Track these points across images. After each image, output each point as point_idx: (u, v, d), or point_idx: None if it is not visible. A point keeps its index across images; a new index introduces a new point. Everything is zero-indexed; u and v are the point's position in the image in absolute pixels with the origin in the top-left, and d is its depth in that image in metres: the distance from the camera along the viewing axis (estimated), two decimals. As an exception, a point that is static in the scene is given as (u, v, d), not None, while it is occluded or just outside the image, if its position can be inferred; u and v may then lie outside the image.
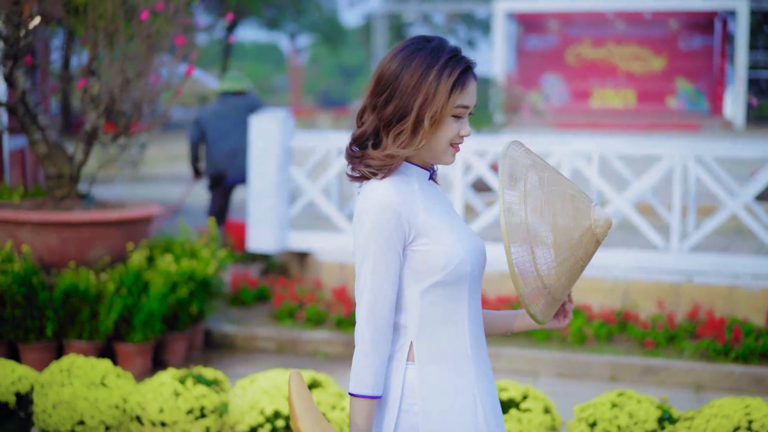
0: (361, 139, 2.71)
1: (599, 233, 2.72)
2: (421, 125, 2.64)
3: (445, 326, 2.69)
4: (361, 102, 2.76)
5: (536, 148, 8.94)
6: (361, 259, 2.63)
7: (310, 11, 40.20)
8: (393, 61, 2.68)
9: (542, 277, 2.67)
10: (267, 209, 9.24)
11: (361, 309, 2.64)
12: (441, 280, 2.65)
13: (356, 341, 2.65)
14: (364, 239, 2.62)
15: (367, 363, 2.62)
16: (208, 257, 7.88)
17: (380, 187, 2.63)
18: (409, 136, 2.65)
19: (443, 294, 2.67)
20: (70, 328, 7.32)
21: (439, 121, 2.65)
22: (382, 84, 2.68)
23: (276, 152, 9.20)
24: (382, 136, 2.69)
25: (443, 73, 2.64)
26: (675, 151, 8.40)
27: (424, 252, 2.64)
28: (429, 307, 2.67)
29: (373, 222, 2.60)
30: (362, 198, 2.65)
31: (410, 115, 2.63)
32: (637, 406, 4.92)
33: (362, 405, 2.64)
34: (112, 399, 5.26)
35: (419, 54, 2.66)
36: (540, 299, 2.70)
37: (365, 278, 2.62)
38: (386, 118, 2.66)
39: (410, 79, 2.64)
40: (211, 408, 5.19)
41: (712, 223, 8.30)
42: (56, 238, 7.52)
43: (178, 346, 7.74)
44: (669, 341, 7.75)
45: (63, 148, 7.88)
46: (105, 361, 5.49)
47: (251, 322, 8.42)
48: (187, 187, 12.35)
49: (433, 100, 2.63)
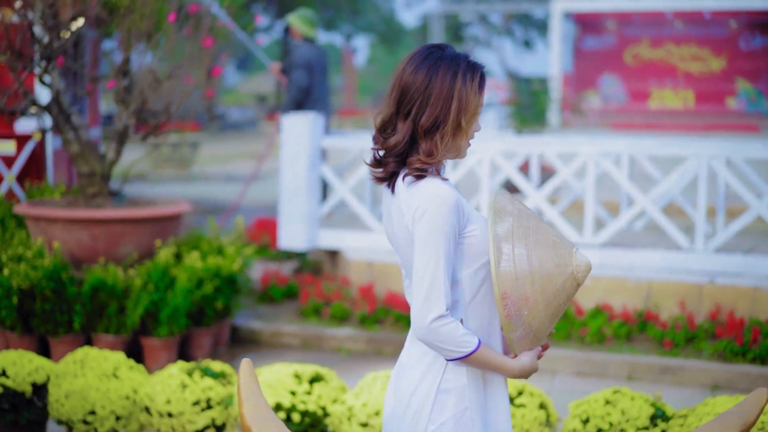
0: (396, 148, 2.94)
1: (580, 277, 2.97)
2: (460, 127, 2.92)
3: (486, 303, 2.98)
4: (384, 112, 2.98)
5: (562, 148, 9.00)
6: (427, 247, 2.84)
7: (366, 12, 40.40)
8: (418, 72, 2.92)
9: (530, 323, 2.93)
10: (298, 207, 9.38)
11: (428, 292, 2.82)
12: (486, 261, 2.94)
13: (423, 321, 2.83)
14: (431, 230, 2.83)
15: (452, 330, 2.82)
16: (233, 254, 8.05)
17: (435, 183, 2.88)
18: (451, 138, 2.92)
19: (484, 275, 2.95)
20: (98, 322, 7.52)
21: (471, 120, 2.94)
22: (411, 94, 2.91)
23: (306, 151, 9.35)
24: (420, 143, 2.92)
25: (467, 77, 2.91)
26: (701, 152, 8.40)
27: (474, 237, 2.91)
28: (477, 286, 2.95)
29: (440, 213, 2.83)
30: (417, 195, 2.87)
31: (448, 119, 2.90)
32: (630, 403, 4.98)
33: (481, 353, 2.87)
34: (122, 390, 5.43)
35: (442, 63, 2.92)
36: (526, 342, 2.97)
37: (429, 267, 2.83)
38: (425, 126, 2.90)
39: (442, 86, 2.89)
40: (217, 400, 5.34)
41: (737, 225, 8.29)
42: (86, 234, 7.73)
43: (203, 341, 7.92)
44: (688, 342, 7.77)
45: (95, 148, 8.09)
46: (118, 353, 5.66)
47: (278, 319, 8.58)
48: (245, 186, 12.49)
49: (467, 103, 2.91)
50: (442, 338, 2.83)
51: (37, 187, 9.33)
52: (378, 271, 9.14)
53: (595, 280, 8.48)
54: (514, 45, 40.81)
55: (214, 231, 8.49)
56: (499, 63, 36.16)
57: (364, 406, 5.11)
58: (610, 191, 10.85)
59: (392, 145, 2.93)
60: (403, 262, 3.06)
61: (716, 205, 9.08)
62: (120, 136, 8.08)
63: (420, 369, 2.98)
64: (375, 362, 7.79)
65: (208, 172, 22.09)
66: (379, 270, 9.11)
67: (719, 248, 8.40)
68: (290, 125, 9.43)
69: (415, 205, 2.87)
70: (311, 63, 10.26)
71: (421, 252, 2.85)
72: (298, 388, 5.26)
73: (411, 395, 2.98)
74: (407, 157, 2.95)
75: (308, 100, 10.31)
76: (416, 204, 2.87)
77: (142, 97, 7.95)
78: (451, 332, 2.82)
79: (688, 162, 8.57)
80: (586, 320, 8.07)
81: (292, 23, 10.58)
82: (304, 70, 10.23)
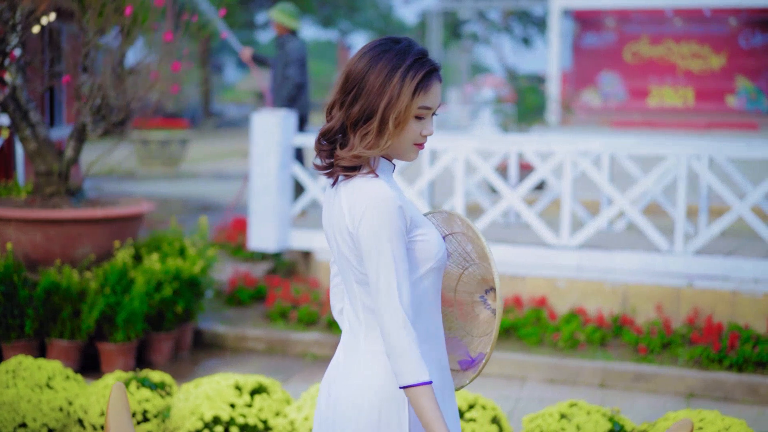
0: (328, 134, 2.79)
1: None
2: (386, 126, 2.72)
3: (431, 309, 2.83)
4: (330, 97, 2.83)
5: (540, 147, 8.71)
6: (375, 254, 2.67)
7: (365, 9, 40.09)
8: (360, 61, 2.76)
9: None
10: (268, 207, 9.12)
11: (387, 301, 2.65)
12: (434, 266, 2.78)
13: (391, 332, 2.65)
14: (374, 233, 2.67)
15: (414, 349, 2.63)
16: (195, 256, 7.78)
17: (373, 183, 2.71)
18: (374, 136, 2.72)
19: (432, 280, 2.80)
20: (52, 326, 7.25)
21: (403, 122, 2.73)
22: (349, 82, 2.76)
23: (277, 150, 9.08)
24: (349, 135, 2.76)
25: (407, 76, 2.72)
26: (680, 151, 8.12)
27: (421, 241, 2.76)
28: (422, 293, 2.79)
29: (380, 215, 2.67)
30: (355, 195, 2.71)
31: (375, 116, 2.71)
32: (586, 417, 4.71)
33: (429, 391, 2.63)
34: (56, 401, 5.17)
35: (386, 55, 2.75)
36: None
37: (386, 270, 2.66)
38: (353, 118, 2.73)
39: (375, 79, 2.72)
40: (154, 412, 5.08)
41: (718, 226, 8.00)
42: (41, 235, 7.47)
43: (163, 346, 7.65)
44: (664, 347, 7.50)
45: (53, 145, 7.82)
46: (54, 362, 5.41)
47: (243, 323, 8.30)
48: (243, 185, 12.09)
49: (397, 102, 2.71)
50: (403, 348, 2.64)
51: (4, 185, 9.07)
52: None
53: (570, 283, 8.21)
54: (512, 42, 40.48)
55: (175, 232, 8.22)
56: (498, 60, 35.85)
57: (306, 420, 4.84)
58: (592, 191, 10.58)
59: (325, 131, 2.81)
60: (335, 259, 2.89)
61: (699, 205, 8.80)
62: (79, 134, 7.81)
63: (365, 374, 2.80)
64: (340, 368, 7.51)
65: (197, 170, 21.82)
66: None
67: (699, 250, 8.12)
68: (260, 123, 9.17)
69: (353, 206, 2.72)
70: (305, 59, 10.15)
71: (369, 259, 2.69)
72: (238, 400, 4.99)
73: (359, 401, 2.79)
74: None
75: (301, 96, 10.20)
76: (354, 204, 2.72)
77: (102, 93, 7.69)
78: (411, 347, 2.63)
79: (666, 161, 8.29)
80: (560, 325, 7.79)
81: (277, 18, 10.37)
82: (298, 65, 10.14)
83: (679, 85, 31.21)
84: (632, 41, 31.47)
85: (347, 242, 2.77)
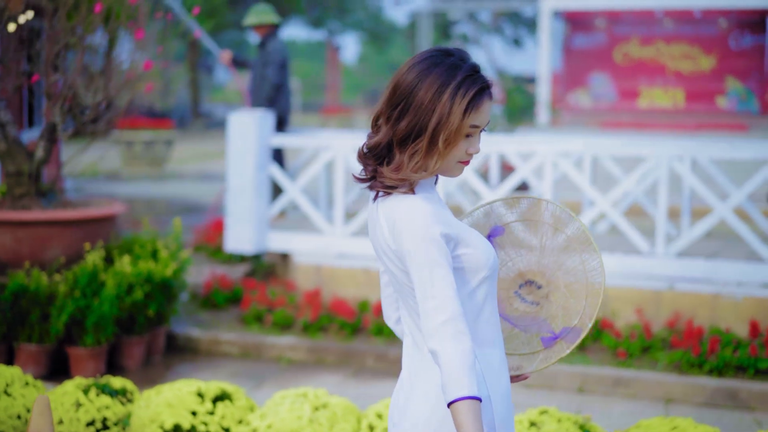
0: (375, 149, 2.69)
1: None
2: (435, 146, 2.61)
3: (490, 317, 2.76)
4: (377, 106, 2.72)
5: (520, 147, 8.58)
6: (416, 272, 2.59)
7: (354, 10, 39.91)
8: (409, 73, 2.65)
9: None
10: (244, 208, 8.98)
11: (435, 314, 2.55)
12: (486, 275, 2.71)
13: (438, 344, 2.53)
14: (414, 252, 2.59)
15: (466, 362, 2.51)
16: (167, 258, 7.63)
17: (411, 201, 2.63)
18: (423, 156, 2.62)
19: (487, 288, 2.73)
20: (20, 330, 7.11)
21: (453, 142, 2.62)
22: (397, 95, 2.65)
23: (254, 150, 8.94)
24: (395, 152, 2.66)
25: (457, 94, 2.60)
26: (661, 152, 7.99)
27: (468, 255, 2.67)
28: (479, 303, 2.72)
29: (416, 234, 2.58)
30: (393, 213, 2.64)
31: (425, 135, 2.61)
32: (556, 425, 4.58)
33: (475, 407, 2.48)
34: (14, 408, 5.02)
35: (436, 69, 2.62)
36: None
37: (431, 283, 2.57)
38: (400, 134, 2.63)
39: (425, 95, 2.60)
40: (114, 420, 4.94)
41: (699, 229, 7.88)
42: (10, 237, 7.33)
43: (135, 350, 7.50)
44: (644, 351, 7.37)
45: (23, 146, 7.68)
46: (13, 368, 5.25)
47: (218, 326, 8.16)
48: (224, 186, 11.92)
49: (447, 121, 2.60)
50: (448, 344, 2.52)
51: (-19, 186, 8.92)
52: (326, 275, 8.73)
53: (550, 286, 8.07)
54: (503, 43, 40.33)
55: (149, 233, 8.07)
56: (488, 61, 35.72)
57: (269, 428, 4.70)
58: (574, 192, 10.44)
59: (373, 145, 2.69)
60: (385, 270, 2.83)
61: (681, 206, 8.68)
62: (49, 134, 7.66)
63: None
64: (316, 372, 7.39)
65: (183, 171, 21.67)
66: (327, 274, 8.71)
67: (681, 252, 7.99)
68: (236, 123, 9.03)
69: (392, 225, 2.65)
70: (285, 60, 10.03)
71: (413, 276, 2.62)
72: (200, 407, 4.85)
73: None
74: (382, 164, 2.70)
75: (280, 97, 10.09)
76: (392, 223, 2.65)
77: (72, 92, 7.55)
78: (463, 348, 2.52)
79: (647, 162, 8.16)
80: (539, 329, 7.65)
81: (253, 22, 10.24)
82: (278, 66, 10.04)
83: (670, 86, 31.12)
84: (622, 42, 31.39)
85: (392, 259, 2.71)
